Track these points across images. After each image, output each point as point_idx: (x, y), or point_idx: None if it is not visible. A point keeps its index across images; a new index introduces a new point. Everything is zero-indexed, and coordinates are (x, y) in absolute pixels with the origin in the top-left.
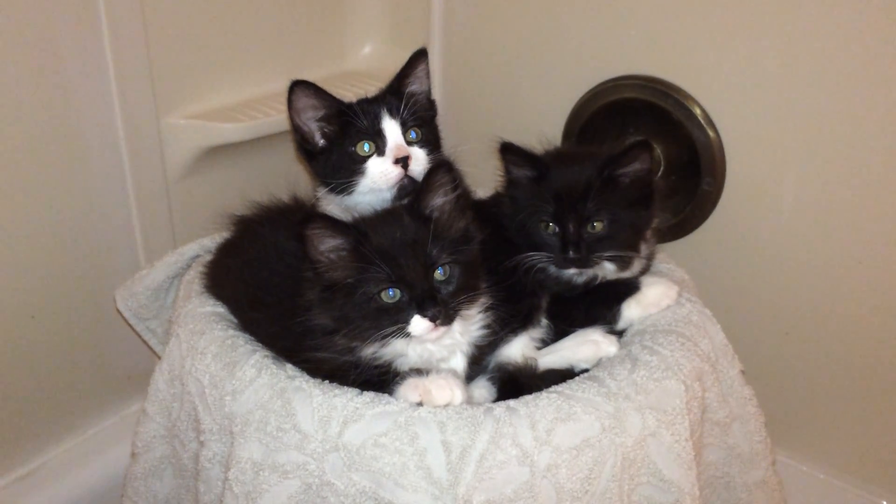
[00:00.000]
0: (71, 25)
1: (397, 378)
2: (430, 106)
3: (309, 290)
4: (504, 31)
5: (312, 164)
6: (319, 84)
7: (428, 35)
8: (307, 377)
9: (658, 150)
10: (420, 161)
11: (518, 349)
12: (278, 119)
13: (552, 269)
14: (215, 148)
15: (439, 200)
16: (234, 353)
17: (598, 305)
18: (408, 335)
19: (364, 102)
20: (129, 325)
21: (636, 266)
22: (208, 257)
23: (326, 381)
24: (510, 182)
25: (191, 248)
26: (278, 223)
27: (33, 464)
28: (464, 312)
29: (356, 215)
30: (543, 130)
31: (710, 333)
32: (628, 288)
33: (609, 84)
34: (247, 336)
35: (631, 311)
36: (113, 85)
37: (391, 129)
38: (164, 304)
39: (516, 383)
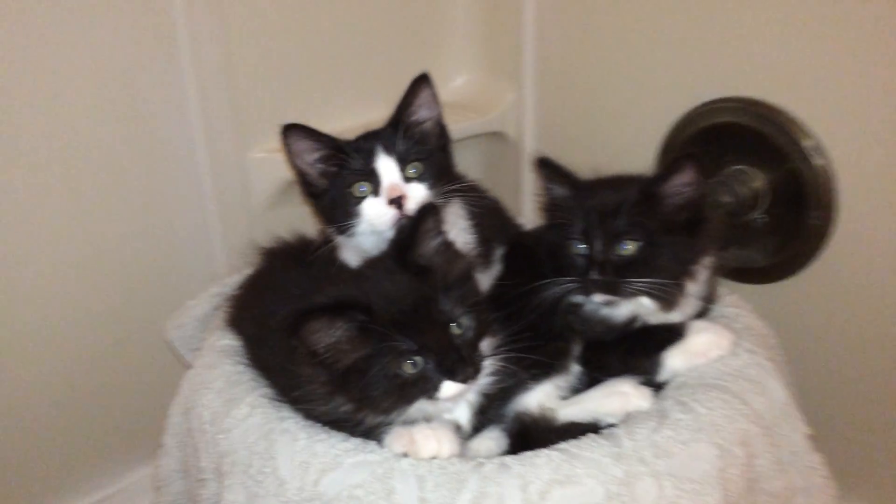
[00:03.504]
0: (153, 65)
1: (388, 426)
2: (441, 133)
3: (308, 384)
4: (597, 55)
5: (316, 206)
6: None
7: (520, 64)
8: (300, 418)
9: (762, 181)
10: (418, 199)
11: (536, 398)
12: None
13: (587, 306)
14: None
15: (434, 244)
16: (235, 389)
17: (636, 353)
18: (436, 399)
19: (362, 139)
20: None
21: (687, 307)
22: None
23: (319, 425)
24: (549, 203)
25: (234, 280)
26: (291, 260)
27: (118, 486)
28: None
29: (365, 257)
30: (637, 159)
31: (768, 391)
32: (672, 334)
33: (705, 108)
34: (256, 373)
35: (674, 360)
36: (196, 122)
37: (386, 167)
38: None
39: (527, 437)
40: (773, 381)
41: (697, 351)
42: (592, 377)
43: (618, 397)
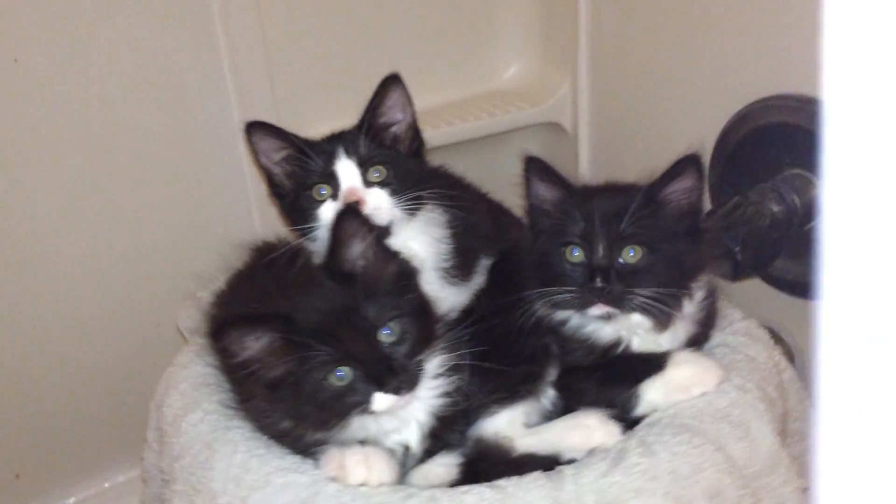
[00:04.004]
0: (190, 53)
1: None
2: (414, 137)
3: (250, 395)
4: (654, 44)
5: (281, 206)
6: (464, 103)
7: (576, 53)
8: (248, 430)
9: (819, 188)
10: (377, 204)
11: (496, 424)
12: None
13: (570, 323)
14: None
15: (357, 249)
16: (197, 392)
17: (613, 382)
18: (372, 413)
19: (326, 140)
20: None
21: (679, 331)
22: None
23: (265, 437)
24: (531, 207)
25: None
26: (263, 260)
27: None
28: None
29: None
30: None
31: (753, 436)
32: (651, 364)
33: (762, 104)
34: (221, 377)
35: (652, 393)
36: (234, 114)
37: (345, 169)
38: None
39: (478, 466)
40: (761, 424)
41: (678, 385)
42: (567, 405)
43: (581, 431)
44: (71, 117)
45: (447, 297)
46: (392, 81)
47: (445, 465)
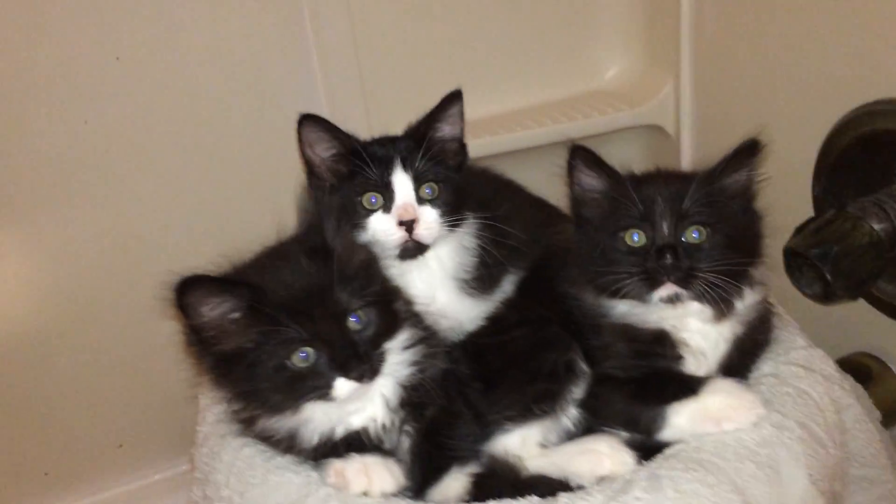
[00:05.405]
0: (281, 51)
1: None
2: (460, 151)
3: (199, 361)
4: (757, 46)
5: (318, 201)
6: (561, 104)
7: (678, 53)
8: None
9: None
10: (429, 224)
11: (508, 442)
12: (509, 138)
13: (617, 310)
14: None
15: (336, 227)
16: None
17: (643, 398)
18: (332, 400)
19: (379, 144)
20: None
21: (727, 329)
22: None
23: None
24: (576, 198)
25: None
26: None
27: None
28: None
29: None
30: (793, 168)
31: (781, 479)
32: (683, 386)
33: (866, 109)
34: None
35: (679, 418)
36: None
37: (401, 184)
38: None
39: (485, 484)
40: (794, 468)
41: (708, 414)
42: (591, 425)
43: (590, 456)
44: (168, 113)
45: (463, 309)
46: (456, 97)
47: (459, 479)
